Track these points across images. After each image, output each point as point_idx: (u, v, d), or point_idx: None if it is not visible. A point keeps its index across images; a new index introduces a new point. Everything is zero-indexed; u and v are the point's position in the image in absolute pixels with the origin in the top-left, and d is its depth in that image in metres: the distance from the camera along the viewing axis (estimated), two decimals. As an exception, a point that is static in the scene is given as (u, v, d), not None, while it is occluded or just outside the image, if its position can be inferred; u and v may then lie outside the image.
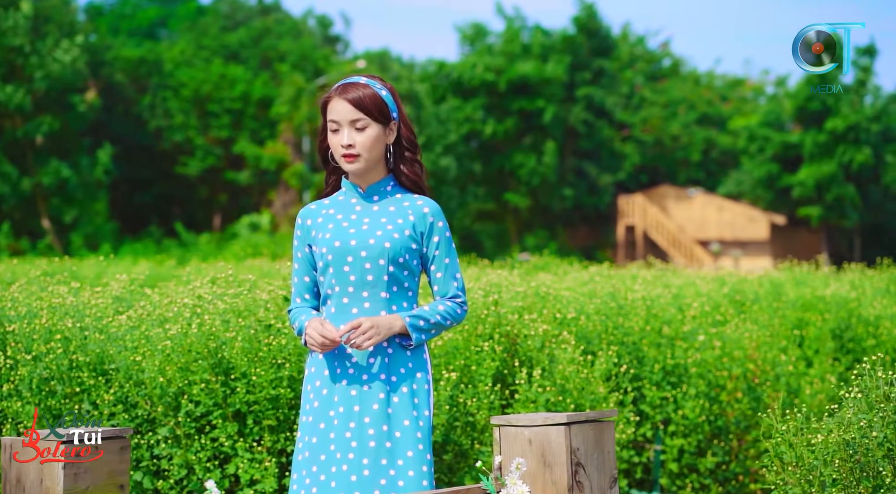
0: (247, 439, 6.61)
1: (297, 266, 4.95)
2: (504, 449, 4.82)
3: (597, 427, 4.81)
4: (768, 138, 49.06)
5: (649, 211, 50.10)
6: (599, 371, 7.48)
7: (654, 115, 52.89)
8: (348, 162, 4.79)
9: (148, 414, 6.73)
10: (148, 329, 6.90)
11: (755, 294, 10.40)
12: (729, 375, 8.39)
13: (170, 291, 8.01)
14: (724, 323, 9.09)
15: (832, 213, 48.19)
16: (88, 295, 7.78)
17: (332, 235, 4.80)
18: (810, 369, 9.28)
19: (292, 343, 6.69)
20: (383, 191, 4.89)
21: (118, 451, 5.08)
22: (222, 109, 50.47)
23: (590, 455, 4.74)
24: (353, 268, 4.75)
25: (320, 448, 4.74)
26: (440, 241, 4.85)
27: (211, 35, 56.53)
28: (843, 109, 47.34)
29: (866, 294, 10.60)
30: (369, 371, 4.74)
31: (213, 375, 6.64)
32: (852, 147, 47.33)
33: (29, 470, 4.99)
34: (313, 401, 4.80)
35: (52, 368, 6.75)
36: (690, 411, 8.10)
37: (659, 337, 8.36)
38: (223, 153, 50.31)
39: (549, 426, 4.72)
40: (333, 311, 4.80)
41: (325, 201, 4.97)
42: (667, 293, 9.67)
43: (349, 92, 4.78)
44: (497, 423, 4.88)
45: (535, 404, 7.05)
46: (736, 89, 59.09)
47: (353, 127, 4.76)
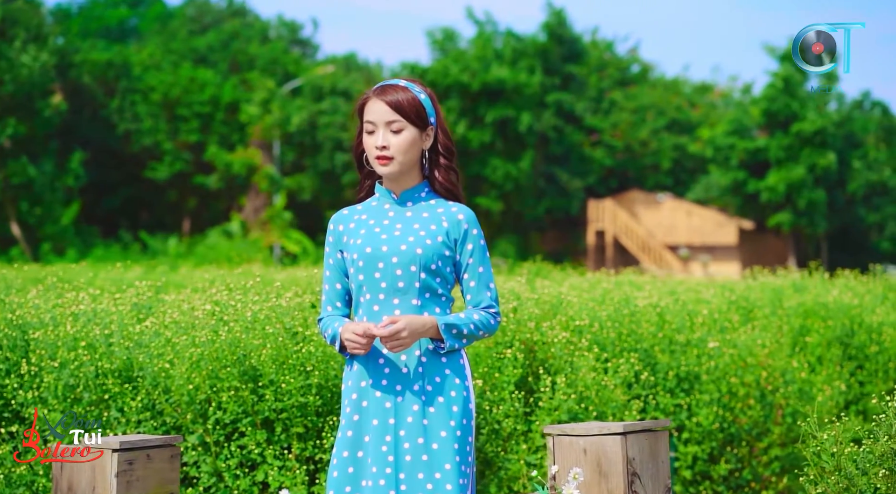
0: (274, 446, 6.62)
1: (328, 273, 4.82)
2: (558, 459, 4.82)
3: (651, 436, 4.82)
4: (734, 146, 49.32)
5: (619, 216, 50.28)
6: (620, 378, 7.52)
7: (623, 121, 53.09)
8: (382, 164, 4.68)
9: (176, 422, 6.73)
10: (174, 336, 6.89)
11: (757, 301, 10.46)
12: (741, 382, 8.44)
13: (190, 298, 8.00)
14: (732, 330, 9.13)
15: (803, 220, 48.48)
16: (108, 302, 7.76)
17: (364, 241, 4.69)
18: (814, 375, 9.33)
19: (320, 350, 6.69)
20: (417, 197, 4.78)
21: (168, 459, 5.09)
22: (191, 113, 50.24)
23: (645, 465, 4.76)
24: (384, 275, 4.65)
25: (353, 461, 4.62)
26: (474, 249, 4.73)
27: (180, 38, 56.34)
28: (808, 114, 47.69)
29: (865, 300, 10.67)
30: (403, 381, 4.62)
31: (242, 382, 6.64)
32: (817, 151, 47.65)
33: (80, 478, 4.99)
34: (352, 415, 4.66)
35: (78, 375, 6.74)
36: (704, 418, 8.14)
37: (671, 344, 8.40)
38: (192, 157, 50.09)
39: (604, 435, 4.73)
40: (365, 319, 4.68)
41: (358, 206, 4.86)
42: (674, 300, 9.70)
43: (387, 93, 4.70)
44: (551, 432, 4.87)
45: (556, 411, 7.08)
46: (704, 95, 59.36)
47: (388, 128, 4.67)
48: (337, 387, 6.73)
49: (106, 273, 13.83)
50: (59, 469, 5.04)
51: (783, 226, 48.82)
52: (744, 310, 10.05)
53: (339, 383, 6.73)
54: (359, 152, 4.86)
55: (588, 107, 52.55)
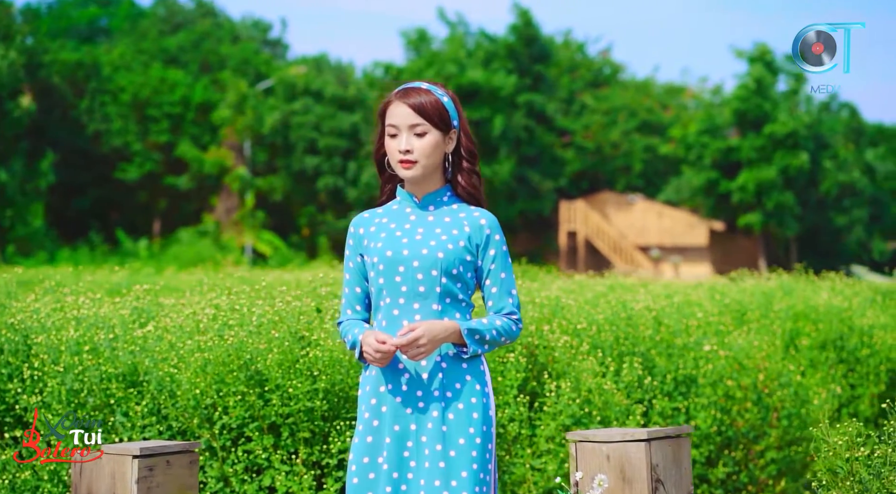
0: (281, 451, 6.60)
1: (348, 276, 4.76)
2: (580, 465, 4.81)
3: (674, 442, 4.82)
4: (706, 145, 49.54)
5: (591, 217, 50.38)
6: (624, 382, 7.53)
7: (595, 122, 53.22)
8: (405, 168, 4.63)
9: (181, 426, 6.70)
10: (178, 340, 6.87)
11: (749, 304, 10.49)
12: (738, 385, 8.47)
13: (190, 302, 7.97)
14: (727, 333, 9.16)
15: (773, 221, 48.71)
16: (107, 306, 7.72)
17: (384, 244, 4.63)
18: (805, 378, 9.36)
19: (327, 354, 6.67)
20: (439, 201, 4.73)
21: (187, 465, 5.07)
22: (162, 114, 50.09)
23: (668, 472, 4.75)
24: (405, 279, 4.59)
25: (374, 467, 4.57)
26: (496, 255, 4.69)
27: (150, 39, 56.12)
28: (780, 115, 47.95)
29: (854, 303, 10.73)
30: (424, 387, 4.57)
31: (249, 387, 6.62)
32: (790, 153, 47.91)
33: (100, 485, 4.97)
34: (372, 420, 4.60)
35: (82, 380, 6.70)
36: (703, 421, 8.16)
37: (669, 347, 8.41)
38: (163, 158, 49.91)
39: (628, 442, 4.71)
40: (385, 323, 4.62)
41: (379, 210, 4.79)
42: (669, 302, 9.72)
43: (410, 96, 4.65)
44: (573, 439, 4.86)
45: (560, 416, 7.08)
46: (675, 97, 59.55)
47: (412, 132, 4.62)
48: (344, 392, 6.72)
49: (91, 275, 13.75)
50: (77, 475, 5.01)
51: (753, 226, 49.02)
52: (736, 313, 10.08)
53: (346, 387, 6.72)
54: (380, 156, 4.81)
55: (559, 108, 52.67)
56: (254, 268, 22.23)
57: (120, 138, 49.31)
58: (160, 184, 50.13)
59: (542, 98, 50.96)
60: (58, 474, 6.51)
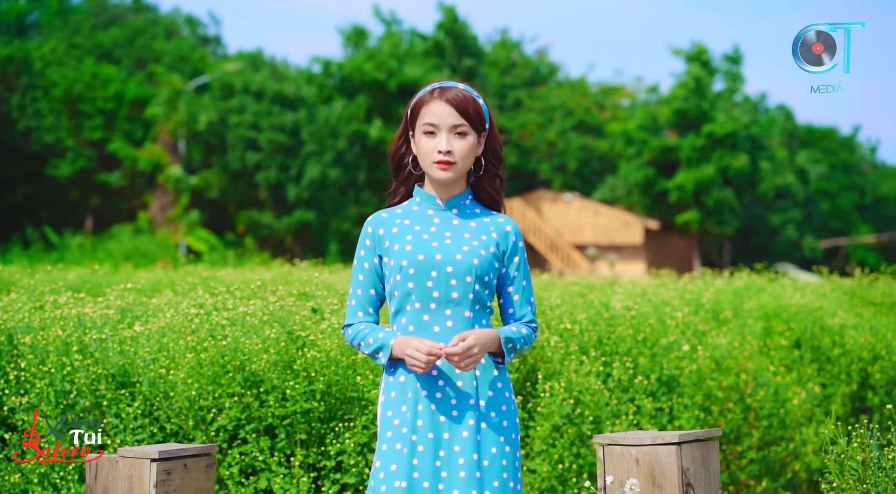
0: (277, 453, 6.51)
1: (361, 277, 4.58)
2: (608, 469, 4.75)
3: (703, 446, 4.77)
4: (646, 142, 49.81)
5: (527, 215, 50.46)
6: (614, 382, 7.52)
7: (531, 121, 53.33)
8: (442, 168, 4.50)
9: (175, 428, 6.59)
10: (170, 340, 6.76)
11: (721, 303, 10.52)
12: (719, 385, 8.48)
13: (173, 302, 7.86)
14: (704, 333, 9.17)
15: (712, 219, 49.06)
16: (92, 306, 7.59)
17: (414, 247, 4.48)
18: (779, 379, 9.39)
19: (324, 355, 6.58)
20: (462, 205, 4.62)
21: (204, 469, 4.99)
22: (94, 110, 49.48)
23: (698, 476, 4.71)
24: (437, 284, 4.47)
25: (404, 475, 4.41)
26: (520, 262, 4.63)
27: (83, 34, 55.47)
28: (718, 116, 48.31)
29: (826, 302, 10.80)
30: (458, 394, 4.46)
31: (245, 388, 6.53)
32: (728, 153, 48.29)
33: (117, 488, 4.87)
34: (401, 428, 4.44)
35: (72, 381, 6.58)
36: (686, 422, 8.15)
37: (652, 347, 8.40)
38: (95, 154, 49.32)
39: (658, 445, 4.67)
40: (412, 329, 4.48)
41: (398, 210, 4.63)
42: (644, 301, 9.72)
43: (453, 95, 4.51)
44: (601, 442, 4.81)
45: (552, 416, 7.05)
46: (610, 96, 59.84)
47: (452, 132, 4.49)
48: (341, 393, 6.64)
49: (45, 274, 13.53)
50: (93, 479, 4.91)
51: (692, 224, 49.32)
52: (711, 313, 10.09)
53: (343, 389, 6.64)
54: (399, 154, 4.68)
55: (495, 106, 52.73)
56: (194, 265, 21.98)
57: (52, 134, 48.64)
58: (92, 181, 49.54)
59: (477, 95, 50.93)
60: (47, 477, 6.38)
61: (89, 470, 4.90)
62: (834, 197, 62.23)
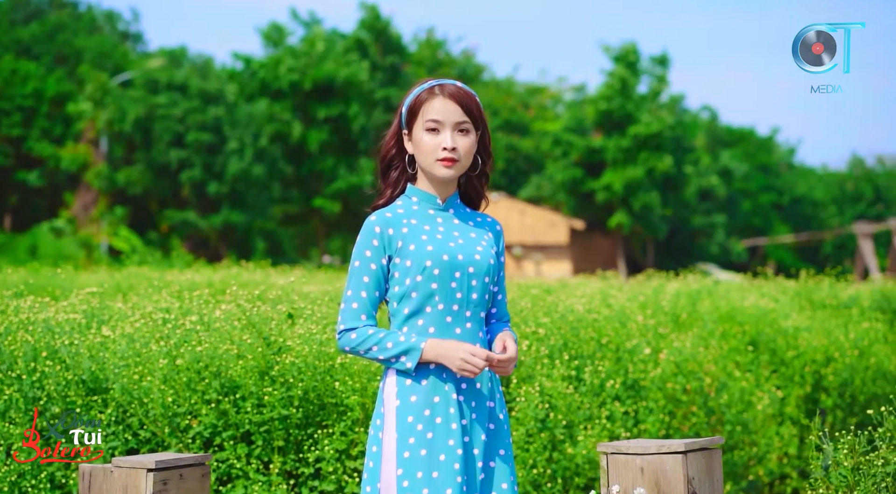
0: (254, 460, 6.40)
1: (366, 278, 4.37)
2: (612, 477, 4.70)
3: (707, 454, 4.74)
4: (572, 143, 50.00)
5: (451, 214, 50.46)
6: (585, 386, 7.50)
7: (457, 121, 53.33)
8: (445, 166, 4.38)
9: (151, 435, 6.47)
10: (142, 345, 6.64)
11: (675, 306, 10.52)
12: (683, 389, 8.49)
13: (138, 305, 7.72)
14: (665, 336, 9.18)
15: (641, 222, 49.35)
16: (55, 309, 7.43)
17: (436, 247, 4.36)
18: (734, 381, 9.41)
19: (301, 360, 6.48)
20: (456, 205, 4.54)
21: (199, 478, 4.90)
22: (13, 107, 48.78)
23: (703, 484, 4.67)
24: (460, 285, 4.37)
25: (428, 482, 4.28)
26: (503, 263, 4.61)
27: (1, 29, 54.67)
28: (643, 117, 48.63)
29: (779, 305, 10.86)
30: (478, 399, 4.39)
31: (221, 394, 6.43)
32: (654, 154, 48.62)
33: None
34: (426, 433, 4.30)
35: (40, 387, 6.44)
36: (652, 425, 8.15)
37: (617, 351, 8.40)
38: (13, 152, 48.62)
39: (664, 454, 4.63)
40: (432, 330, 4.34)
41: (399, 210, 4.45)
42: (604, 305, 9.71)
43: (456, 92, 4.43)
44: (605, 450, 4.76)
45: (527, 421, 7.02)
46: (536, 96, 60.03)
47: (456, 130, 4.39)
48: (320, 399, 6.55)
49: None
50: (86, 489, 4.79)
51: (623, 226, 49.58)
52: (671, 316, 10.10)
53: (321, 394, 6.55)
54: (391, 155, 4.55)
55: (422, 105, 52.72)
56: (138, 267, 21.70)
57: (-31, 132, 47.93)
58: (11, 180, 48.83)
59: (401, 93, 50.97)
60: (18, 485, 6.25)
61: (82, 480, 4.79)
62: (754, 196, 62.95)
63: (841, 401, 10.31)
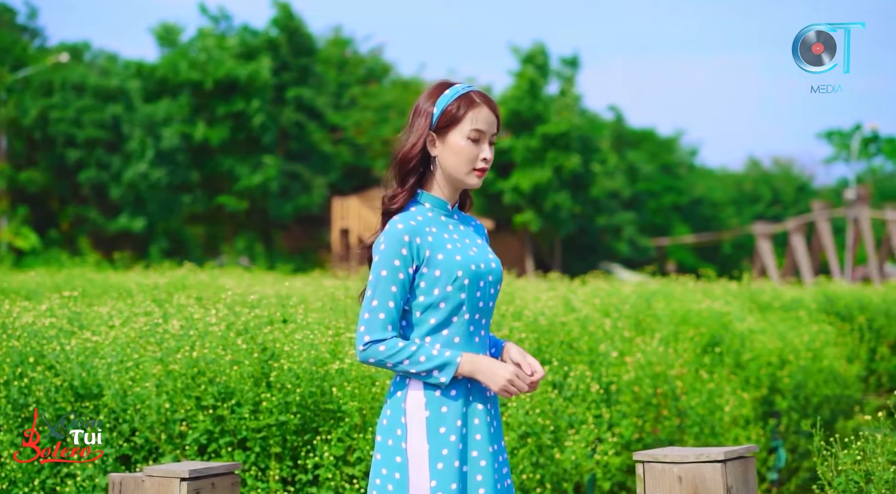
0: (248, 466, 6.33)
1: (394, 288, 4.21)
2: (649, 487, 4.69)
3: (743, 463, 4.75)
4: (480, 144, 50.02)
5: (363, 214, 50.24)
6: (570, 391, 7.51)
7: (366, 119, 53.20)
8: (479, 176, 4.36)
9: (146, 441, 6.36)
10: (133, 351, 6.53)
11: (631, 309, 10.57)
12: (654, 392, 8.54)
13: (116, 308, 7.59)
14: (631, 340, 9.23)
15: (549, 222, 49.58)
16: (33, 314, 7.26)
17: (463, 257, 4.26)
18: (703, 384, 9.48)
19: (300, 366, 6.41)
20: (456, 211, 4.47)
21: (230, 487, 4.83)
22: None
23: (740, 493, 4.71)
24: (484, 294, 4.30)
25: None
26: None
27: None
28: (552, 117, 48.90)
29: (734, 307, 10.96)
30: (495, 413, 4.36)
31: (218, 400, 6.34)
32: (562, 154, 48.91)
33: (143, 511, 4.67)
34: (457, 444, 4.23)
35: (27, 393, 6.31)
36: (626, 429, 8.19)
37: (590, 355, 8.42)
38: None
39: (703, 463, 4.63)
40: (457, 341, 4.25)
41: (418, 217, 4.31)
42: (567, 309, 9.72)
43: (493, 103, 4.40)
44: (641, 459, 4.74)
45: (520, 426, 7.01)
46: (444, 95, 59.95)
47: (488, 140, 4.37)
48: (316, 405, 6.48)
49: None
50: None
51: (530, 226, 49.76)
52: (633, 320, 10.15)
53: (318, 401, 6.48)
54: (415, 157, 4.37)
55: (329, 103, 52.48)
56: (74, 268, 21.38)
57: None
58: None
59: (312, 92, 50.71)
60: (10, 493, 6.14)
61: (112, 489, 4.71)
62: (658, 196, 63.57)
63: (795, 403, 10.45)
